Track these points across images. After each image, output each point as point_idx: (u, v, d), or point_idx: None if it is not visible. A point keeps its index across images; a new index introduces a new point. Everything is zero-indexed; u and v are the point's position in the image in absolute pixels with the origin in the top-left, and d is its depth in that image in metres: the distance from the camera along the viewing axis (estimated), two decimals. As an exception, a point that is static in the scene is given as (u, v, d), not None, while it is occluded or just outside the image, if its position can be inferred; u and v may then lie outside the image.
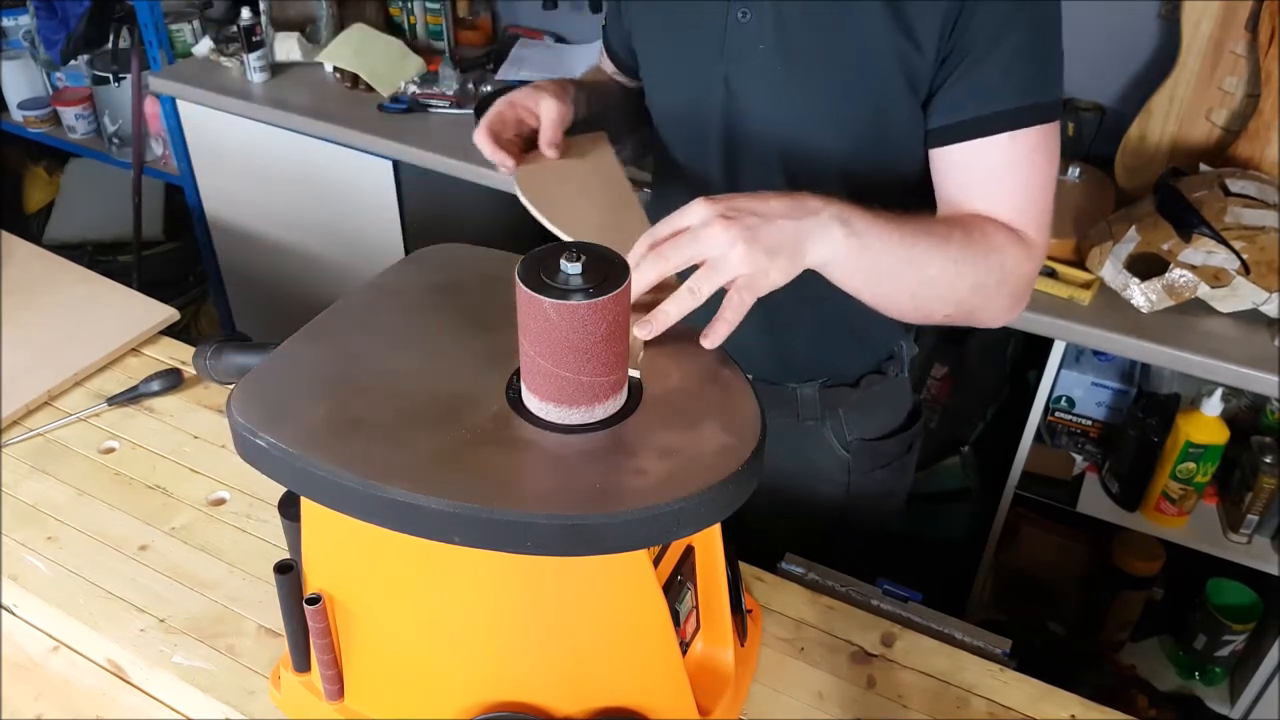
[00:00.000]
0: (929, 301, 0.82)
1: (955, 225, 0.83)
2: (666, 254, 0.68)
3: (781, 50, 0.89)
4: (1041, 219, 0.87)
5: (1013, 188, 0.86)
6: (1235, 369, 1.38)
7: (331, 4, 2.23)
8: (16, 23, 2.58)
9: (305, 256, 2.25)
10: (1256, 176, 1.50)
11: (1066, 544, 1.91)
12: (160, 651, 0.88)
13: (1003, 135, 0.84)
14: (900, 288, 0.80)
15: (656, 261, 0.68)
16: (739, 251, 0.67)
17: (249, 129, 2.13)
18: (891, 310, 0.82)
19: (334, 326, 0.73)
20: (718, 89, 0.94)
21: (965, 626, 0.93)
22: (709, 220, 0.68)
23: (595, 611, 0.68)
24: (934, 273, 0.80)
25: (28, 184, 2.85)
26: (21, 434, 1.11)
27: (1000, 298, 0.85)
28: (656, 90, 1.03)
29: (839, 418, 1.09)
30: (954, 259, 0.80)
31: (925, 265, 0.79)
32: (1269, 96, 1.54)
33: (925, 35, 0.83)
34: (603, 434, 0.63)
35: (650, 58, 1.02)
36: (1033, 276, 0.88)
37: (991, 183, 0.86)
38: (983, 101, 0.84)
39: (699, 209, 0.69)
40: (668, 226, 0.70)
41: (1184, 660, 1.85)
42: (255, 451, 0.62)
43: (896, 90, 0.86)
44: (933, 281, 0.80)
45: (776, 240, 0.69)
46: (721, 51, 0.92)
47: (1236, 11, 1.53)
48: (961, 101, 0.85)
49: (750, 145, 0.95)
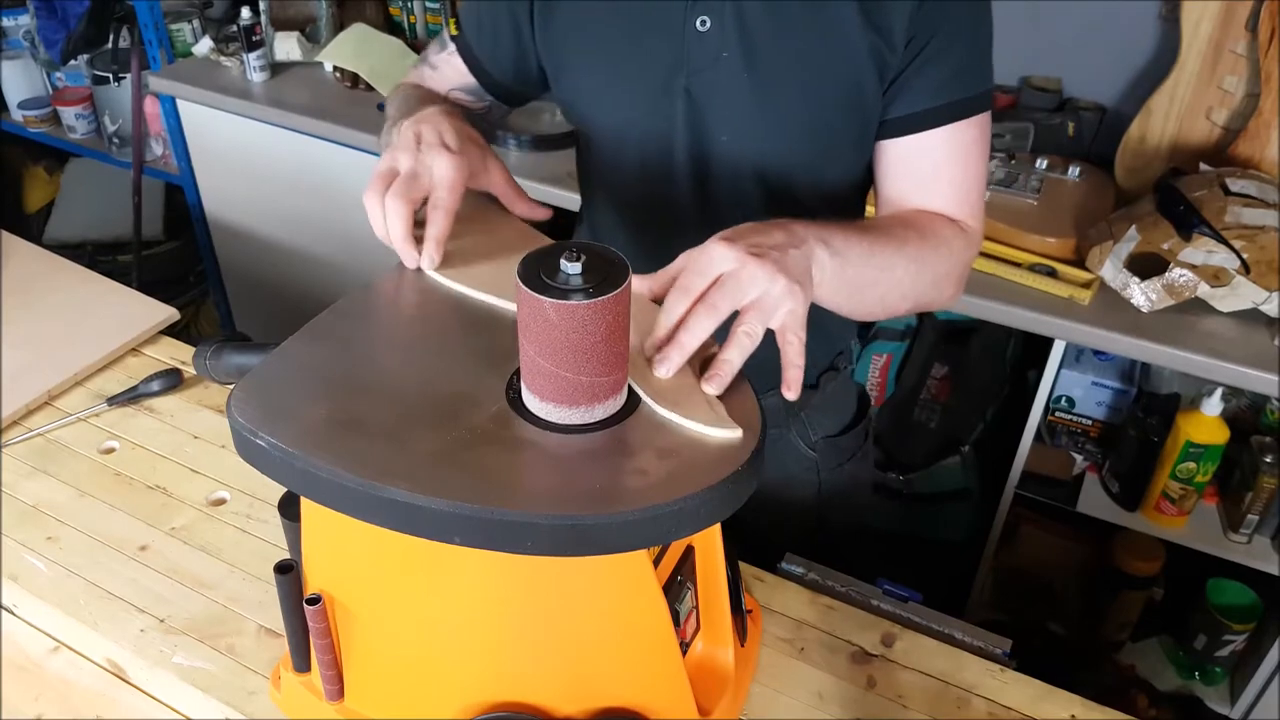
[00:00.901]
0: (895, 301, 0.84)
1: (908, 225, 0.86)
2: (717, 304, 0.65)
3: (748, 57, 0.87)
4: (979, 206, 0.91)
5: (957, 177, 0.89)
6: (1235, 369, 1.38)
7: (331, 4, 2.23)
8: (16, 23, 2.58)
9: (305, 256, 2.25)
10: (1256, 176, 1.50)
11: (1066, 544, 1.91)
12: (160, 651, 0.88)
13: (948, 126, 0.87)
14: (874, 294, 0.81)
15: (710, 313, 0.65)
16: (780, 287, 0.66)
17: (249, 129, 2.13)
18: (861, 314, 0.84)
19: (334, 326, 0.73)
20: (679, 102, 0.90)
21: (965, 626, 0.93)
22: (743, 261, 0.66)
23: (595, 611, 0.68)
24: (900, 274, 0.82)
25: (28, 184, 2.85)
26: (21, 434, 1.11)
27: (949, 286, 0.89)
28: (600, 110, 0.96)
29: (802, 421, 1.09)
30: (914, 258, 0.83)
31: (893, 269, 0.82)
32: (1269, 96, 1.54)
33: (895, 31, 0.84)
34: (603, 434, 0.63)
35: (590, 75, 0.95)
36: (971, 260, 0.92)
37: (938, 173, 0.89)
38: (934, 94, 0.86)
39: (724, 251, 0.66)
40: (700, 276, 0.66)
41: (1184, 660, 1.85)
42: (255, 451, 0.62)
43: (871, 89, 0.87)
44: (899, 282, 0.83)
45: (798, 270, 0.69)
46: (682, 63, 0.89)
47: (1236, 11, 1.53)
48: (915, 95, 0.87)
49: (720, 157, 0.92)
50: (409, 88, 1.04)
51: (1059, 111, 1.81)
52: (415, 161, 0.78)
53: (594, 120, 0.98)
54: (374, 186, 0.77)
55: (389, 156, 0.80)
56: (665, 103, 0.91)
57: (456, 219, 0.78)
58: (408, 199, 0.76)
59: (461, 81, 1.03)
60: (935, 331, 1.99)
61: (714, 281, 0.66)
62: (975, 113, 0.87)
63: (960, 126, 0.87)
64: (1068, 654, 1.88)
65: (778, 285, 0.66)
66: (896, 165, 0.90)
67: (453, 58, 1.02)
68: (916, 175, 0.90)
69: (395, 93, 1.04)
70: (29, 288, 1.34)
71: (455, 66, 1.02)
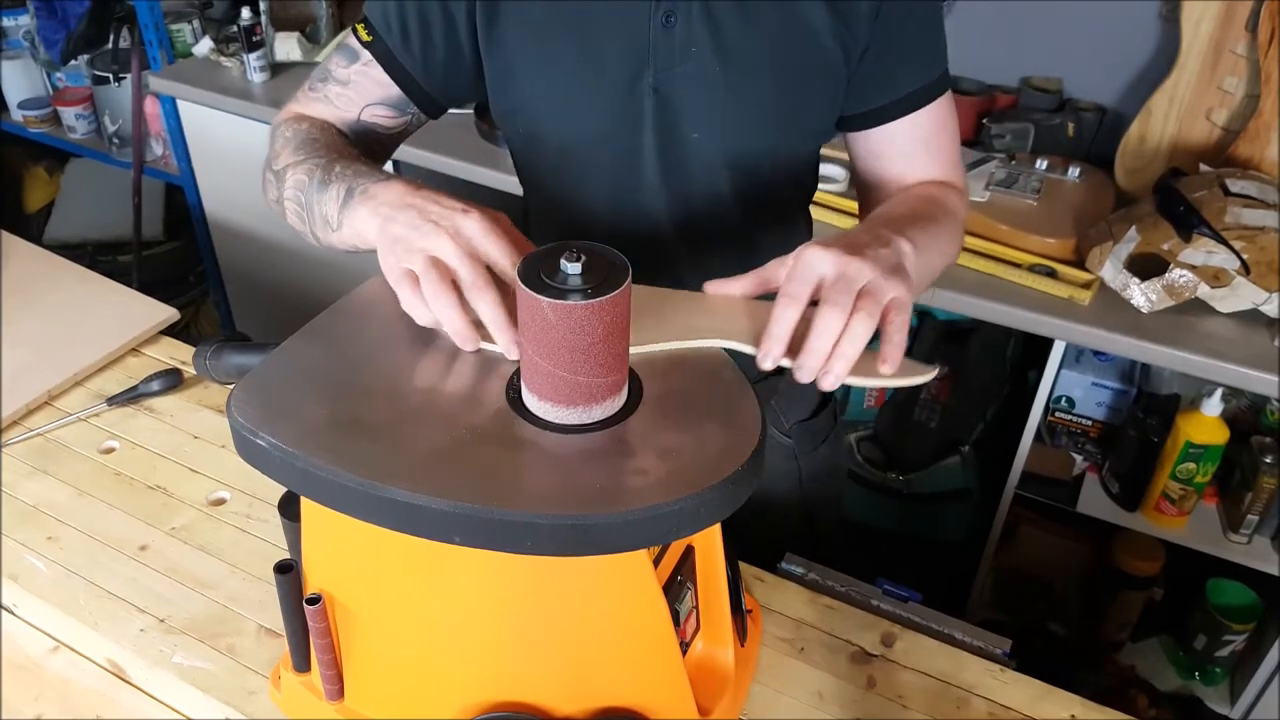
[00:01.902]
0: (939, 272, 0.87)
1: (930, 202, 0.89)
2: (840, 301, 0.67)
3: (719, 51, 0.86)
4: (961, 167, 0.98)
5: (946, 146, 0.96)
6: (1235, 369, 1.38)
7: (331, 4, 2.23)
8: (16, 23, 2.58)
9: (305, 256, 2.25)
10: (1256, 176, 1.50)
11: (1066, 544, 1.91)
12: (160, 651, 0.88)
13: (934, 103, 0.93)
14: (932, 273, 0.84)
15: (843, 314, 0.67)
16: (881, 275, 0.69)
17: (249, 129, 2.13)
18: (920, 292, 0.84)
19: (334, 326, 0.73)
20: (646, 101, 0.87)
21: (965, 626, 0.93)
22: (845, 261, 0.68)
23: (595, 611, 0.68)
24: (944, 247, 0.86)
25: (28, 184, 2.85)
26: (21, 434, 1.11)
27: (960, 244, 0.94)
28: (554, 117, 0.90)
29: (773, 409, 1.10)
30: (948, 230, 0.87)
31: (940, 246, 0.85)
32: (1269, 96, 1.54)
33: (860, 22, 0.87)
34: (603, 434, 0.63)
35: (541, 79, 0.89)
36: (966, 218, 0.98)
37: (930, 147, 0.95)
38: (915, 76, 0.92)
39: (822, 255, 0.69)
40: (804, 284, 0.68)
41: (1184, 660, 1.85)
42: (255, 451, 0.62)
43: (838, 68, 0.89)
44: (944, 255, 0.87)
45: (893, 261, 0.72)
46: (647, 61, 0.86)
47: (1236, 11, 1.53)
48: (899, 80, 0.91)
49: (692, 155, 0.91)
50: (306, 130, 0.89)
51: (1059, 112, 1.81)
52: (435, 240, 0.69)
53: (546, 128, 0.92)
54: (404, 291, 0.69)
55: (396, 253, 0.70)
56: (631, 103, 0.88)
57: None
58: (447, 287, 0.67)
59: (381, 95, 0.92)
60: (935, 331, 1.99)
61: (819, 285, 0.68)
62: (948, 88, 0.95)
63: (941, 102, 0.94)
64: (1068, 654, 1.88)
65: (878, 274, 0.69)
66: (888, 146, 0.95)
67: (369, 69, 0.91)
68: (913, 154, 0.95)
69: (285, 137, 0.89)
70: (29, 288, 1.34)
71: (374, 78, 0.91)
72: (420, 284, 0.68)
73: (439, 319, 0.68)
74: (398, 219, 0.71)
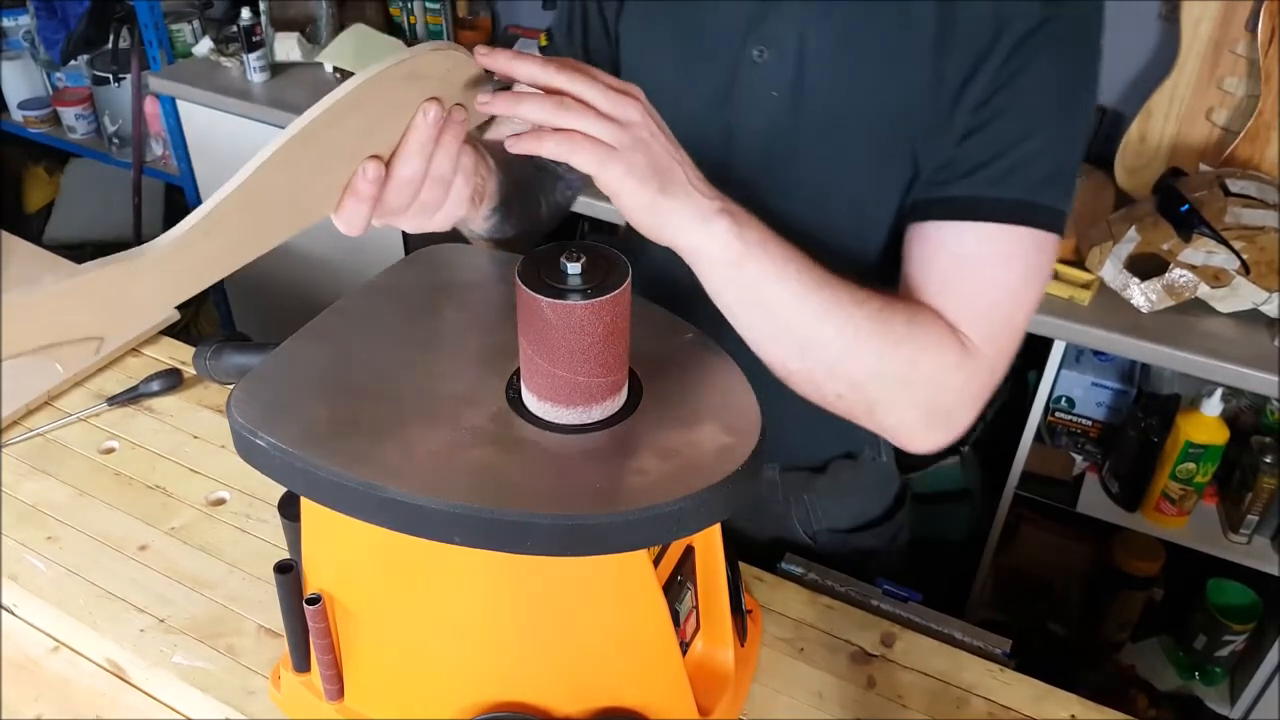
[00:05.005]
0: (817, 367, 0.70)
1: (882, 297, 0.71)
2: (571, 107, 0.59)
3: (797, 98, 0.77)
4: (997, 332, 0.73)
5: (978, 286, 0.73)
6: (1235, 369, 1.38)
7: (331, 4, 2.23)
8: (16, 23, 2.59)
9: (305, 256, 2.25)
10: (1256, 176, 1.50)
11: (1066, 544, 1.91)
12: (160, 651, 0.88)
13: (992, 226, 0.72)
14: (784, 331, 0.68)
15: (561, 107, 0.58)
16: (627, 153, 0.60)
17: (249, 129, 2.13)
18: (775, 362, 0.71)
19: (334, 326, 0.73)
20: (715, 138, 0.81)
21: (965, 626, 0.93)
22: (639, 120, 0.61)
23: (595, 611, 0.68)
24: (829, 332, 0.68)
25: (28, 184, 2.85)
26: (21, 434, 1.11)
27: (908, 401, 0.72)
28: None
29: (804, 504, 0.99)
30: (858, 326, 0.68)
31: (819, 317, 0.67)
32: (1269, 96, 1.54)
33: (969, 93, 0.72)
34: (603, 434, 0.63)
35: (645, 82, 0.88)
36: (964, 392, 0.73)
37: (953, 271, 0.73)
38: (988, 183, 0.72)
39: (637, 111, 0.61)
40: (605, 98, 0.60)
41: (1184, 660, 1.85)
42: (255, 451, 0.62)
43: (922, 154, 0.76)
44: (825, 343, 0.68)
45: (659, 166, 0.62)
46: (729, 96, 0.80)
47: (1236, 11, 1.53)
48: (953, 176, 0.74)
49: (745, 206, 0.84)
50: None
51: (1059, 112, 1.80)
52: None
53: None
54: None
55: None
56: (702, 136, 0.80)
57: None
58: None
59: None
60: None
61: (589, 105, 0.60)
62: (1033, 225, 0.71)
63: (1008, 233, 0.71)
64: (1068, 654, 1.88)
65: (625, 150, 0.60)
66: (910, 249, 0.76)
67: None
68: (926, 264, 0.75)
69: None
70: (29, 288, 1.34)
71: None
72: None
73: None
74: None
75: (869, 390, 0.71)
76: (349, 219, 0.63)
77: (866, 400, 0.71)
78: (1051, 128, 0.72)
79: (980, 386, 0.74)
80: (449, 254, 0.82)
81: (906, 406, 0.72)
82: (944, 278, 0.73)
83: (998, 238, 0.72)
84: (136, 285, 0.54)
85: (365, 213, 0.63)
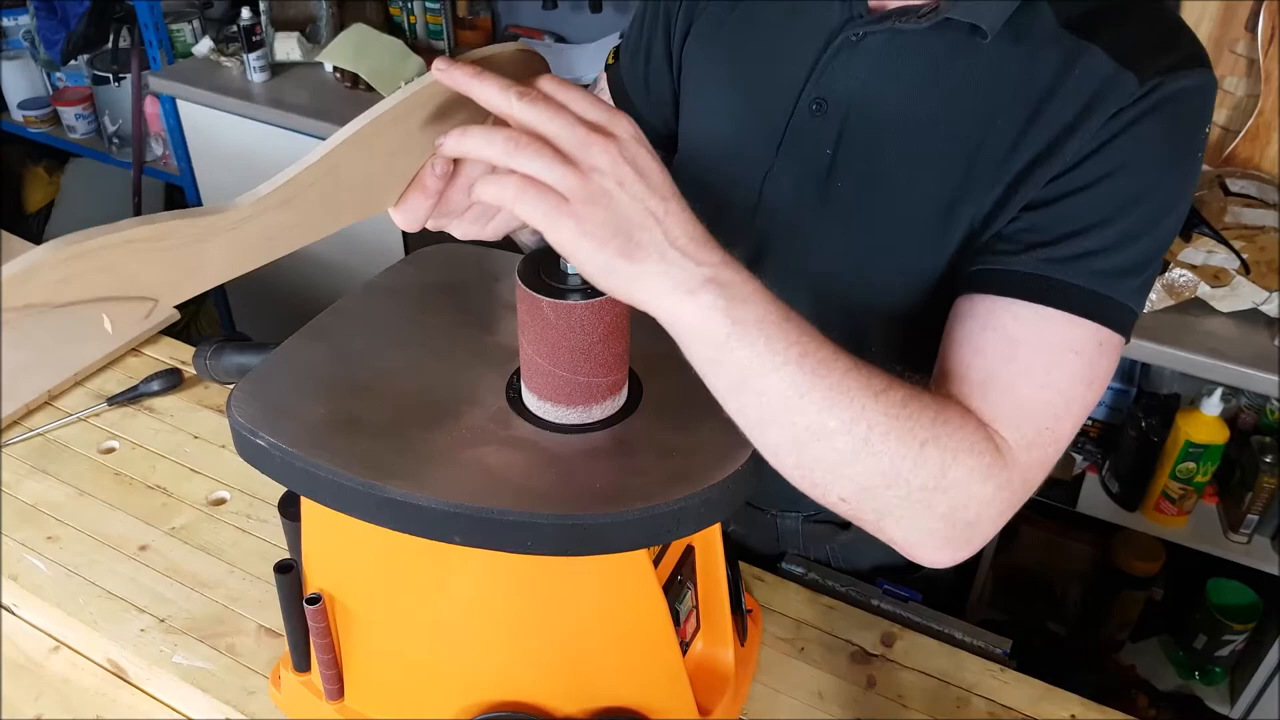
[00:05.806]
0: (818, 467, 0.58)
1: (907, 388, 0.59)
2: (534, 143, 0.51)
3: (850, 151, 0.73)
4: (1039, 438, 0.63)
5: (1027, 377, 0.63)
6: (1235, 369, 1.38)
7: (331, 4, 2.23)
8: (16, 23, 2.59)
9: (305, 256, 2.24)
10: (1256, 176, 1.50)
11: (1066, 544, 1.91)
12: (160, 651, 0.88)
13: (1047, 309, 0.63)
14: (773, 423, 0.57)
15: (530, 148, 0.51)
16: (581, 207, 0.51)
17: (249, 129, 2.13)
18: (767, 452, 0.59)
19: (334, 326, 0.73)
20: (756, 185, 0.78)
21: (965, 626, 0.93)
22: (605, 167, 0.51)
23: (595, 611, 0.68)
24: (833, 426, 0.56)
25: (28, 184, 2.85)
26: (21, 434, 1.11)
27: (927, 512, 0.60)
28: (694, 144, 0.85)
29: (825, 551, 0.98)
30: (872, 423, 0.57)
31: (823, 410, 0.56)
32: (1269, 96, 1.54)
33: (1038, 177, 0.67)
34: (603, 434, 0.63)
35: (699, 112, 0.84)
36: (992, 505, 0.62)
37: (1001, 355, 0.64)
38: (1045, 261, 0.64)
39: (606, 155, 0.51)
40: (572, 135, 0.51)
41: (1184, 660, 1.85)
42: (255, 451, 0.62)
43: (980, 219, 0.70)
44: (828, 438, 0.56)
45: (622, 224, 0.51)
46: (775, 144, 0.76)
47: (1236, 11, 1.53)
48: (1018, 249, 0.66)
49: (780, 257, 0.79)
50: None
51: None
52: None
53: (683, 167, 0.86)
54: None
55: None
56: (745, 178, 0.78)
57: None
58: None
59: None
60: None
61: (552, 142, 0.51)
62: (1101, 321, 0.63)
63: (1072, 324, 0.63)
64: (1068, 654, 1.88)
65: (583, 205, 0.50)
66: (962, 326, 0.67)
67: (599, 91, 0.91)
68: (983, 350, 0.65)
69: None
70: (29, 288, 1.34)
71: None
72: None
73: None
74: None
75: (880, 497, 0.59)
76: (409, 212, 0.60)
77: (876, 508, 0.60)
78: (1139, 215, 0.64)
79: (1011, 499, 0.63)
80: (449, 254, 0.82)
81: (923, 518, 0.61)
82: (989, 362, 0.64)
83: (1060, 326, 0.63)
84: (210, 244, 0.53)
85: (427, 208, 0.60)
